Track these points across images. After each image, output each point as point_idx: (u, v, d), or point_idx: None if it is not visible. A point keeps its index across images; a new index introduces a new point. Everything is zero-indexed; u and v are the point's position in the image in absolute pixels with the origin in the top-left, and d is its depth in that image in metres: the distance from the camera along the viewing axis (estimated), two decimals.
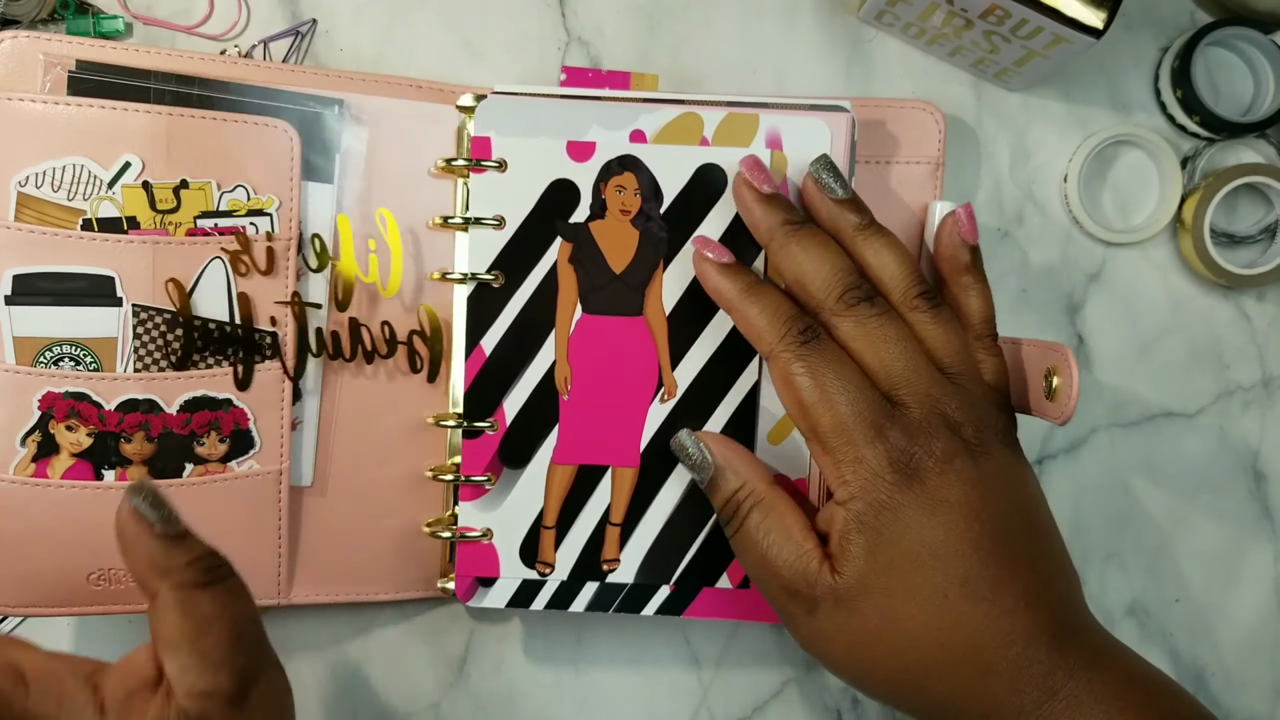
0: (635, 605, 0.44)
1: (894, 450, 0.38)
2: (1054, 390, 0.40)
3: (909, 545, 0.37)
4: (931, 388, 0.39)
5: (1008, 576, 0.37)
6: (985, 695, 0.37)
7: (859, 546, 0.37)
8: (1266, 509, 0.51)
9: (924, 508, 0.37)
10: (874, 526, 0.37)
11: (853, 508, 0.38)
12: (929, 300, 0.40)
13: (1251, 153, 0.50)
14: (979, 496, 0.38)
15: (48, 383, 0.43)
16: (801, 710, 0.50)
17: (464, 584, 0.44)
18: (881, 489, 0.37)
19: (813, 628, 0.39)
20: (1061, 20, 0.43)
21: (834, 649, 0.39)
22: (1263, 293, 0.51)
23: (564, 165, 0.43)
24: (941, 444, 0.38)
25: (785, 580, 0.39)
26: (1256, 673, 0.51)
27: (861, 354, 0.39)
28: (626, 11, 0.49)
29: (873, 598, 0.37)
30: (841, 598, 0.38)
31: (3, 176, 0.42)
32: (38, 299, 0.42)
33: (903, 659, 0.37)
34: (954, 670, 0.37)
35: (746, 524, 0.40)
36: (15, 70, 0.43)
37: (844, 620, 0.38)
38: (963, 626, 0.37)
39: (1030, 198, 0.50)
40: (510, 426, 0.44)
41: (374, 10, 0.48)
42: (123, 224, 0.43)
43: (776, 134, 0.43)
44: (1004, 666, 0.37)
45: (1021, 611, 0.37)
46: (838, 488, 0.38)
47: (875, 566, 0.37)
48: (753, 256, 0.43)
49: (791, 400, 0.40)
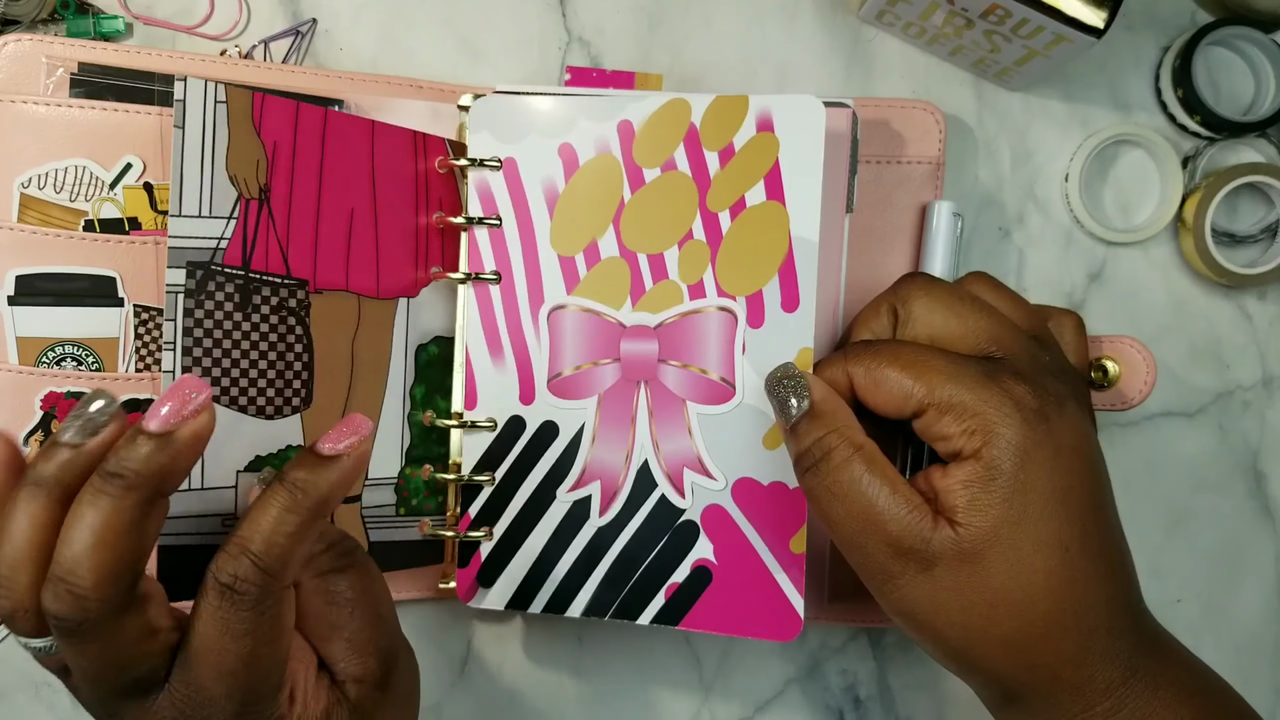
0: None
1: (1014, 389, 0.36)
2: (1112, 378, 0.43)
3: (1041, 490, 0.35)
4: (1024, 342, 0.38)
5: (1109, 537, 0.36)
6: (1084, 665, 0.35)
7: (993, 495, 0.35)
8: (1266, 508, 0.51)
9: (1051, 451, 0.35)
10: (1009, 471, 0.35)
11: (985, 453, 0.35)
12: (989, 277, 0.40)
13: (1252, 152, 0.50)
14: (1089, 447, 0.36)
15: (50, 383, 0.43)
16: (803, 710, 0.50)
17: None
18: (1013, 428, 0.35)
19: (924, 590, 0.36)
20: (1062, 20, 0.43)
21: (947, 611, 0.36)
22: (1263, 292, 0.51)
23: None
24: (1053, 386, 0.36)
25: (894, 536, 0.36)
26: (1258, 672, 0.51)
27: (943, 326, 0.38)
28: (627, 11, 0.49)
29: (1001, 550, 0.35)
30: (966, 553, 0.35)
31: (6, 178, 0.42)
32: (40, 299, 0.43)
33: (1021, 618, 0.35)
34: (1064, 633, 0.35)
35: (848, 470, 0.36)
36: (19, 73, 0.43)
37: (966, 578, 0.35)
38: (1078, 585, 0.35)
39: (1031, 197, 0.50)
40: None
41: (374, 10, 0.49)
42: (124, 225, 0.43)
43: (768, 115, 0.42)
44: (1104, 633, 0.35)
45: (1119, 576, 0.36)
46: (966, 441, 0.36)
47: (1009, 515, 0.35)
48: None
49: (887, 395, 0.37)
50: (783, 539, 0.42)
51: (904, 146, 0.47)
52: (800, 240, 0.41)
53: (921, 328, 0.39)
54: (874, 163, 0.47)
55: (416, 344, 0.45)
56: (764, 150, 0.42)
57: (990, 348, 0.38)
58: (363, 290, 0.43)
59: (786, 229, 0.41)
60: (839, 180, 0.44)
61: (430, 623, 0.49)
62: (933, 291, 0.39)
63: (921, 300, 0.39)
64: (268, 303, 0.40)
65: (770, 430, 0.42)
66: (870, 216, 0.47)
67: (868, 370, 0.38)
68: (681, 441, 0.43)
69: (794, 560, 0.42)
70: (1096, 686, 0.35)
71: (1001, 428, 0.35)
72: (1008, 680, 0.36)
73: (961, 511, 0.35)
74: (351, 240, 0.42)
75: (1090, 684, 0.35)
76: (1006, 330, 0.38)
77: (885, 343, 0.39)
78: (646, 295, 0.43)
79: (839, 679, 0.50)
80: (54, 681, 0.48)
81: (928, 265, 0.46)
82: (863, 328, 0.41)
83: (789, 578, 0.42)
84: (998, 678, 0.37)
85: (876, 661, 0.50)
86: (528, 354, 0.44)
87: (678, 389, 0.43)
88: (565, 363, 0.44)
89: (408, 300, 0.44)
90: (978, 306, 0.39)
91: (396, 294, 0.44)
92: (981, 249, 0.50)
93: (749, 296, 0.42)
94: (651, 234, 0.43)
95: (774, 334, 0.41)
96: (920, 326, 0.39)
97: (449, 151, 0.45)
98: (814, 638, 0.50)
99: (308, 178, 0.41)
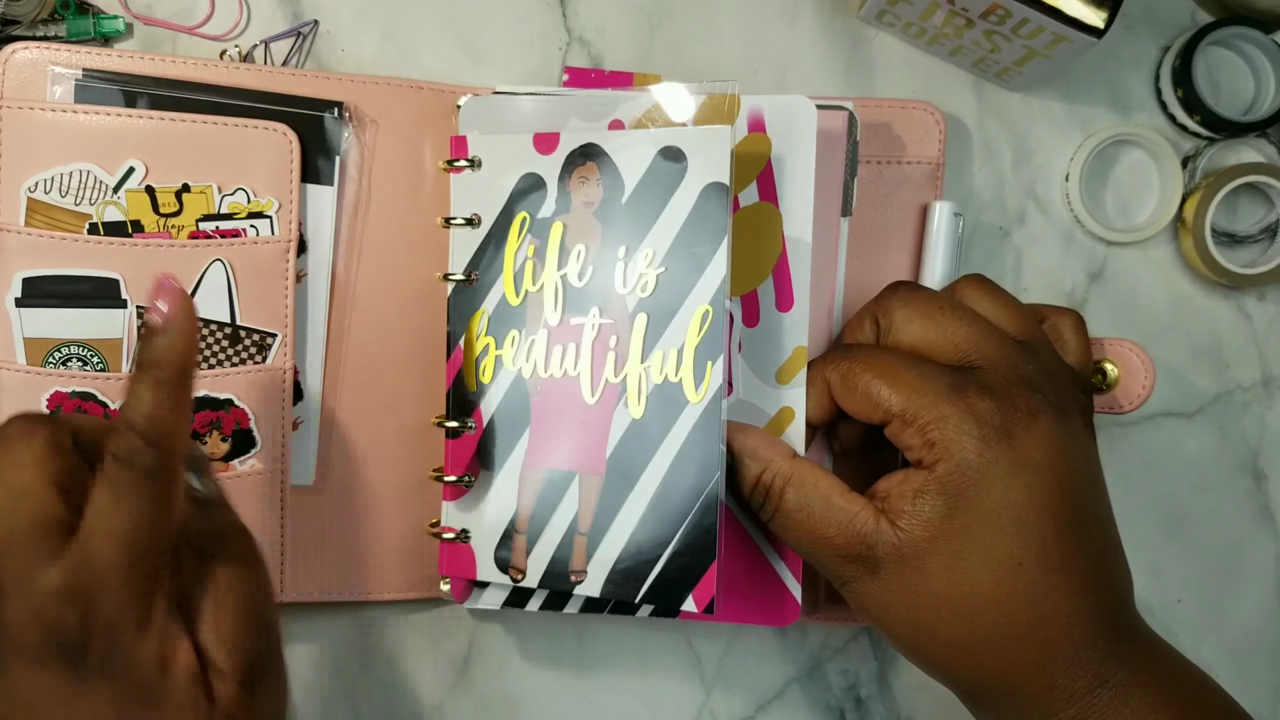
0: (630, 608, 0.43)
1: (977, 405, 0.36)
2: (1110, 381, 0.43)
3: (991, 507, 0.36)
4: (1005, 350, 0.38)
5: (1079, 552, 0.36)
6: (1041, 674, 0.36)
7: (934, 507, 0.36)
8: (1267, 508, 0.51)
9: (1010, 467, 0.36)
10: (956, 488, 0.36)
11: (937, 470, 0.36)
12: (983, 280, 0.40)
13: (1252, 152, 0.50)
14: (1062, 462, 0.36)
15: (56, 382, 0.43)
16: (804, 710, 0.50)
17: (458, 586, 0.45)
18: (968, 446, 0.36)
19: (873, 590, 0.37)
20: (1062, 20, 0.43)
21: (894, 612, 0.37)
22: (1263, 292, 0.51)
23: (531, 159, 0.43)
24: (1025, 399, 0.36)
25: (840, 547, 0.37)
26: (1258, 672, 0.51)
27: (921, 336, 0.39)
28: (627, 11, 0.49)
29: (942, 558, 0.36)
30: (906, 557, 0.36)
31: (14, 183, 0.43)
32: (47, 301, 0.43)
33: (966, 625, 0.36)
34: (1016, 643, 0.36)
35: (783, 504, 0.38)
36: (26, 80, 0.43)
37: (908, 580, 0.36)
38: (1032, 597, 0.35)
39: (1032, 197, 0.50)
40: (486, 427, 0.44)
41: (375, 11, 0.49)
42: (127, 228, 0.44)
43: (759, 115, 0.41)
44: (1065, 645, 0.35)
45: (1088, 591, 0.36)
46: (924, 453, 0.37)
47: (951, 528, 0.36)
48: None
49: (859, 401, 0.38)
50: None
51: (904, 147, 0.47)
52: (793, 240, 0.41)
53: (903, 336, 0.39)
54: (874, 163, 0.47)
55: None
56: (756, 150, 0.41)
57: (970, 356, 0.38)
58: None
59: (780, 229, 0.41)
60: (834, 181, 0.44)
61: (430, 623, 0.49)
62: (913, 301, 0.39)
63: (901, 310, 0.39)
64: None
65: (767, 426, 0.42)
66: (870, 217, 0.47)
67: (842, 376, 0.39)
68: None
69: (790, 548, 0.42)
70: (1058, 695, 0.36)
71: (956, 445, 0.36)
72: (961, 679, 0.38)
73: (905, 517, 0.36)
74: None
75: (1051, 692, 0.36)
76: (988, 339, 0.38)
77: (863, 348, 0.40)
78: None
79: (840, 679, 0.50)
80: None
81: (929, 265, 0.46)
82: (848, 338, 0.42)
83: (786, 565, 0.42)
84: (951, 676, 0.38)
85: (878, 661, 0.50)
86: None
87: None
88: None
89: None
90: (958, 315, 0.39)
91: None
92: (982, 249, 0.50)
93: (744, 296, 0.42)
94: None
95: (769, 333, 0.42)
96: (901, 335, 0.39)
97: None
98: (815, 638, 0.50)
99: None
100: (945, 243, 0.46)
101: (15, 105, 0.43)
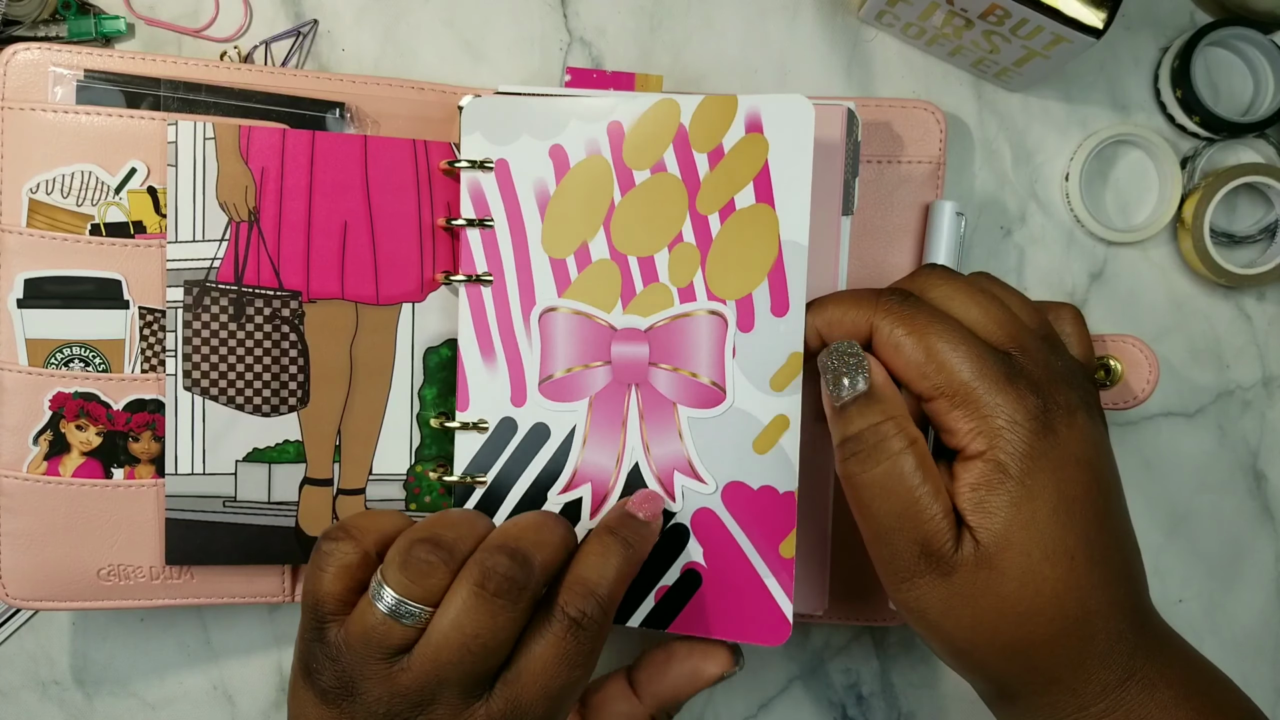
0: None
1: (1026, 398, 0.35)
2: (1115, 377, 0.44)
3: (1047, 500, 0.35)
4: (1037, 343, 0.37)
5: (1114, 544, 0.36)
6: (1082, 669, 0.35)
7: (1003, 498, 0.35)
8: (1266, 508, 0.51)
9: (1057, 461, 0.35)
10: (1017, 476, 0.35)
11: (992, 456, 0.35)
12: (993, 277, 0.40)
13: (1251, 152, 0.50)
14: (1097, 456, 0.36)
15: (58, 383, 0.43)
16: (807, 708, 0.50)
17: None
18: (1021, 436, 0.35)
19: (939, 592, 0.36)
20: (1061, 20, 0.43)
21: (957, 616, 0.36)
22: (1263, 292, 0.51)
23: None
24: (1064, 396, 0.36)
25: (925, 535, 0.35)
26: (1258, 672, 0.51)
27: (965, 315, 0.38)
28: (628, 12, 0.50)
29: (1013, 554, 0.35)
30: (983, 559, 0.35)
31: (16, 184, 0.43)
32: (48, 302, 0.43)
33: (1025, 627, 0.35)
34: (1064, 639, 0.35)
35: (898, 464, 0.36)
36: (28, 81, 0.44)
37: (983, 583, 0.35)
38: (1081, 592, 0.35)
39: (1032, 196, 0.50)
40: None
41: (376, 11, 0.49)
42: (129, 228, 0.44)
43: (756, 116, 0.41)
44: (1102, 638, 0.35)
45: (1122, 582, 0.36)
46: (971, 440, 0.36)
47: (1018, 519, 0.35)
48: None
49: (904, 366, 0.37)
50: (772, 543, 0.42)
51: (904, 146, 0.47)
52: (789, 244, 0.41)
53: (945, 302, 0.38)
54: (875, 163, 0.47)
55: (425, 346, 0.45)
56: (753, 151, 0.41)
57: (1008, 344, 0.37)
58: (360, 298, 0.44)
59: (776, 232, 0.41)
60: (833, 181, 0.44)
61: None
62: (953, 280, 0.38)
63: (941, 288, 0.38)
64: (261, 313, 0.43)
65: (760, 434, 0.42)
66: (871, 216, 0.47)
67: (893, 330, 0.37)
68: (672, 445, 0.43)
69: (783, 564, 0.42)
70: (1092, 688, 0.35)
71: (1009, 434, 0.35)
72: (1007, 681, 0.37)
73: (971, 514, 0.35)
74: (346, 252, 0.44)
75: (1086, 686, 0.35)
76: (1022, 329, 0.37)
77: (924, 306, 0.37)
78: (637, 298, 0.43)
79: (842, 677, 0.51)
80: (62, 679, 0.49)
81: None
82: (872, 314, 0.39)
83: (778, 582, 0.42)
84: (996, 679, 0.37)
85: (880, 660, 0.51)
86: (519, 356, 0.44)
87: (668, 392, 0.42)
88: (556, 365, 0.43)
89: (413, 305, 0.45)
90: (997, 301, 0.38)
91: (399, 300, 0.45)
92: (983, 248, 0.50)
93: (739, 300, 0.42)
94: (641, 236, 0.42)
95: (764, 338, 0.41)
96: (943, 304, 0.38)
97: (456, 154, 0.45)
98: (817, 637, 0.50)
99: (297, 198, 0.43)
100: (947, 242, 0.46)
101: (17, 106, 0.43)
